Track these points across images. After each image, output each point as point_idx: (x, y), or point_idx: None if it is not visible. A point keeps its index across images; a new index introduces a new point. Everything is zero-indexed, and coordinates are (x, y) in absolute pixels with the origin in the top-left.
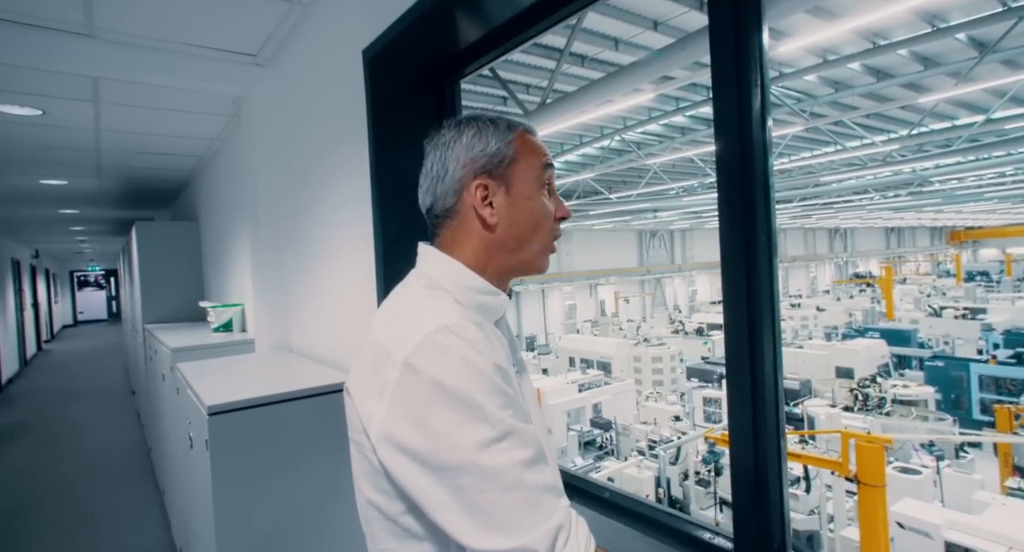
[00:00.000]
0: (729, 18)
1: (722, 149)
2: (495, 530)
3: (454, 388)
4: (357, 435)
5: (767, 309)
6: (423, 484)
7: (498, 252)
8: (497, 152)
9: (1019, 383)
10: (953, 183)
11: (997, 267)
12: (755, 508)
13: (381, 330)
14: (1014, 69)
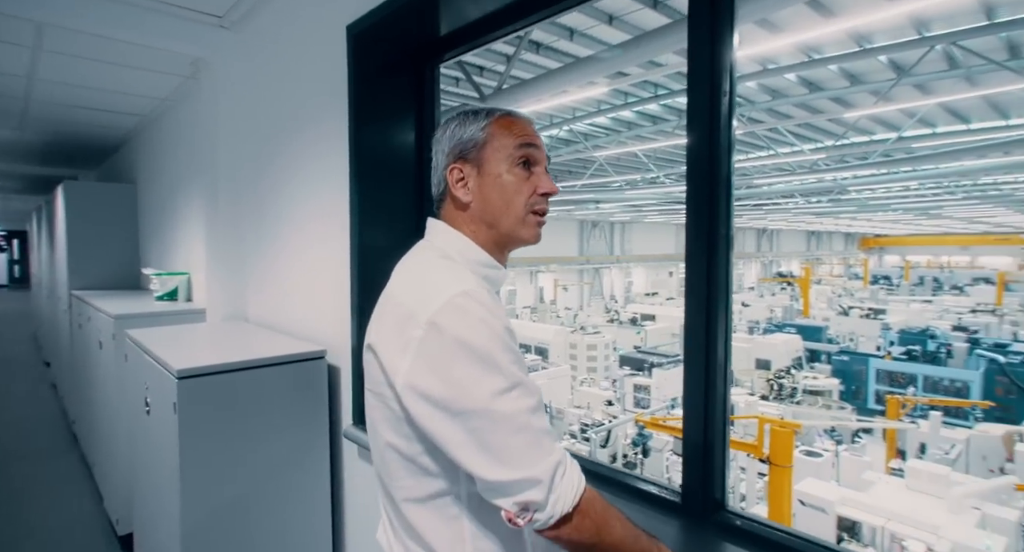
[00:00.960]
0: (707, 31)
1: (693, 144)
2: (506, 465)
3: (474, 345)
4: (379, 387)
5: (723, 296)
6: (443, 427)
7: (479, 227)
8: (471, 138)
9: (908, 377)
10: (867, 193)
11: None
12: (703, 468)
13: (403, 294)
14: (925, 93)
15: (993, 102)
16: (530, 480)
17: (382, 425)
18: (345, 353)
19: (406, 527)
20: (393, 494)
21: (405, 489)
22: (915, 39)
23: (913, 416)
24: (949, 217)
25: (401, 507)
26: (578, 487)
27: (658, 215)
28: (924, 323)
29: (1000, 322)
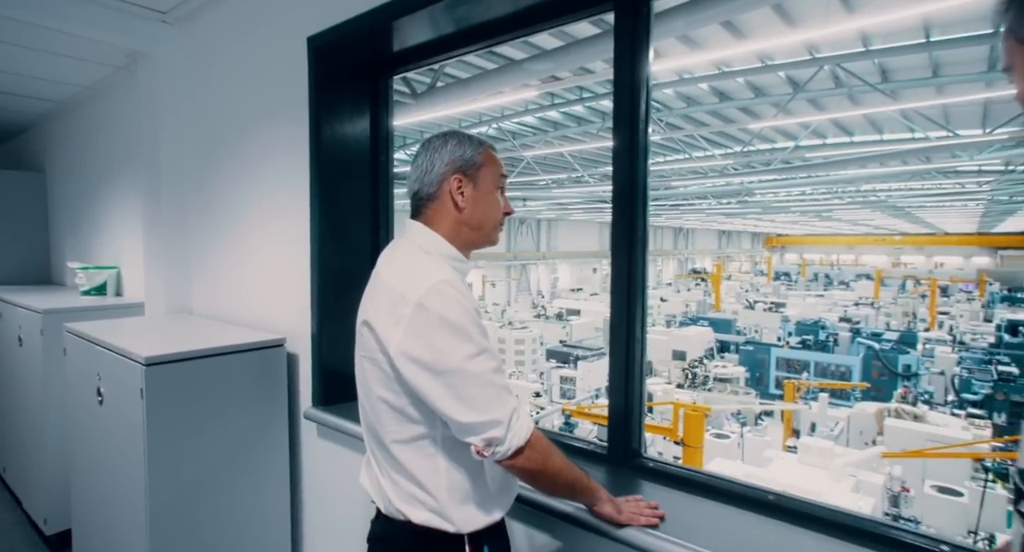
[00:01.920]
0: (628, 49)
1: (618, 147)
2: (475, 410)
3: (451, 320)
4: (373, 354)
5: (640, 287)
6: (428, 383)
7: (463, 228)
8: (471, 158)
9: (802, 363)
10: (770, 196)
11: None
12: (624, 425)
13: (393, 281)
14: (817, 108)
15: (871, 119)
16: (493, 422)
17: (375, 383)
18: (304, 341)
19: (393, 464)
20: (383, 438)
21: (393, 433)
22: (807, 60)
23: (806, 398)
24: (838, 219)
25: (390, 448)
26: (528, 428)
27: (583, 213)
28: (816, 315)
29: (877, 314)
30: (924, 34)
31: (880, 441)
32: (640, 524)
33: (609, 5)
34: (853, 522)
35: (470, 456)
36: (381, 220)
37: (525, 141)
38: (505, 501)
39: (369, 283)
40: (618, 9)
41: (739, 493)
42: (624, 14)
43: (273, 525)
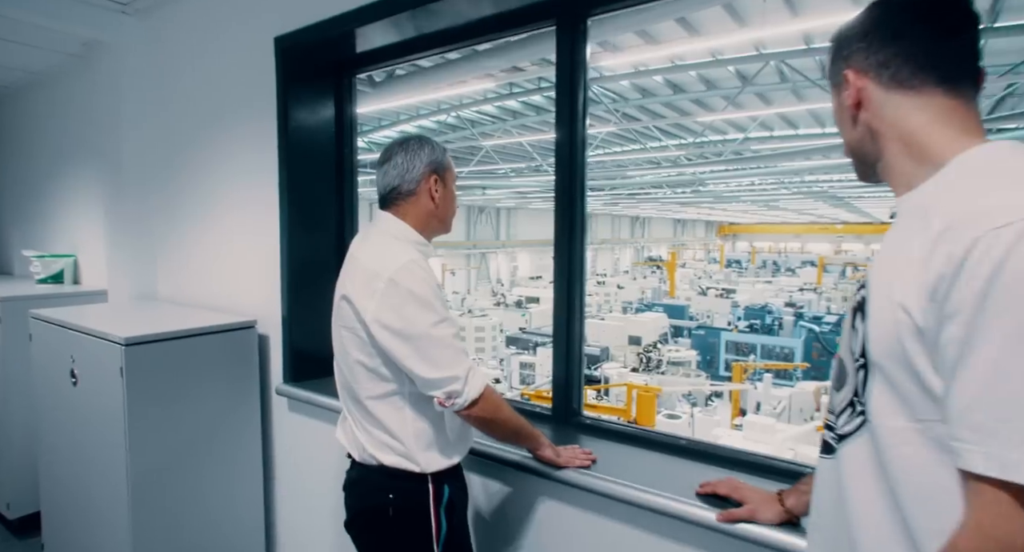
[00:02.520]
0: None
1: (561, 139)
2: (439, 368)
3: (418, 294)
4: (351, 323)
5: (579, 269)
6: (398, 346)
7: (433, 220)
8: (442, 161)
9: (750, 346)
10: (722, 186)
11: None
12: (566, 389)
13: (367, 261)
14: (765, 102)
15: (815, 114)
16: (453, 377)
17: (352, 348)
18: (275, 323)
19: (367, 417)
20: (358, 395)
21: (367, 390)
22: (754, 55)
23: (753, 379)
24: (785, 209)
25: (365, 404)
26: (483, 383)
27: (542, 202)
28: (764, 301)
29: (819, 298)
30: None
31: (817, 417)
32: (575, 466)
33: (551, 21)
34: (743, 457)
35: (432, 409)
36: (346, 209)
37: (484, 130)
38: (462, 448)
39: (345, 264)
40: (559, 26)
41: (658, 440)
42: (564, 29)
43: (246, 493)
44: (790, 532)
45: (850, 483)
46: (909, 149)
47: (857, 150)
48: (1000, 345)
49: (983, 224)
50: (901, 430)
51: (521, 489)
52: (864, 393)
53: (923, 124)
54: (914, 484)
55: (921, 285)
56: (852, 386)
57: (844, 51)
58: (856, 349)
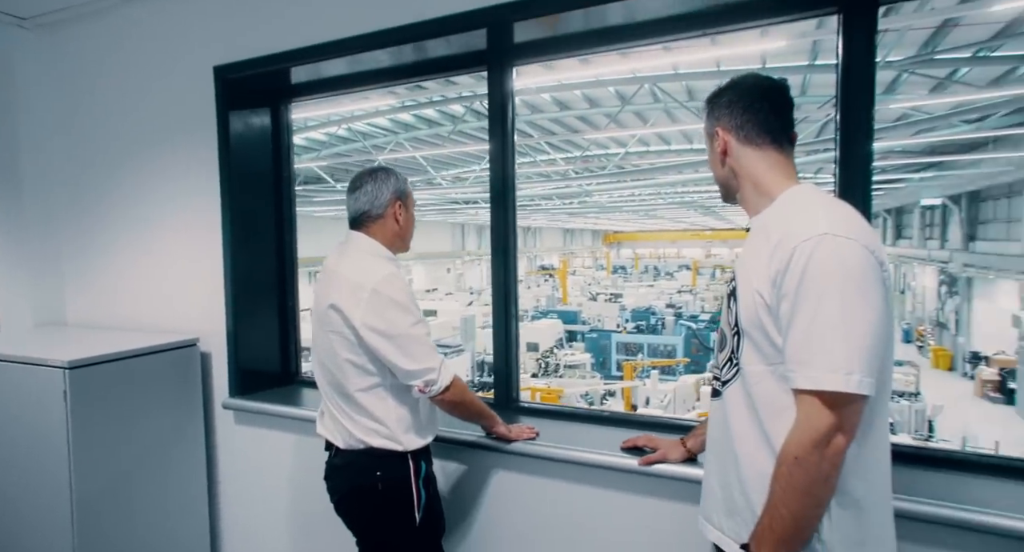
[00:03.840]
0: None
1: (493, 150)
2: (417, 361)
3: (398, 300)
4: (340, 329)
5: (513, 275)
6: (383, 345)
7: (397, 239)
8: (404, 189)
9: (637, 346)
10: (606, 197)
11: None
12: (507, 381)
13: (352, 275)
14: (643, 120)
15: (685, 133)
16: (429, 369)
17: (342, 350)
18: (218, 340)
19: (356, 408)
20: (348, 390)
21: (356, 384)
22: (630, 78)
23: (641, 376)
24: (662, 217)
25: (354, 397)
26: (452, 373)
27: (436, 214)
28: (648, 303)
29: (695, 299)
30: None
31: (698, 406)
32: (524, 438)
33: (483, 67)
34: (653, 420)
35: (410, 397)
36: (286, 229)
37: (376, 142)
38: (433, 429)
39: (324, 278)
40: (490, 71)
41: (586, 415)
42: (494, 71)
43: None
44: (691, 466)
45: (731, 414)
46: (756, 187)
47: (724, 183)
48: (808, 314)
49: (796, 238)
50: (760, 372)
51: (477, 464)
52: (738, 351)
53: (763, 171)
54: (769, 406)
55: (767, 277)
56: (730, 347)
57: (716, 113)
58: (732, 322)
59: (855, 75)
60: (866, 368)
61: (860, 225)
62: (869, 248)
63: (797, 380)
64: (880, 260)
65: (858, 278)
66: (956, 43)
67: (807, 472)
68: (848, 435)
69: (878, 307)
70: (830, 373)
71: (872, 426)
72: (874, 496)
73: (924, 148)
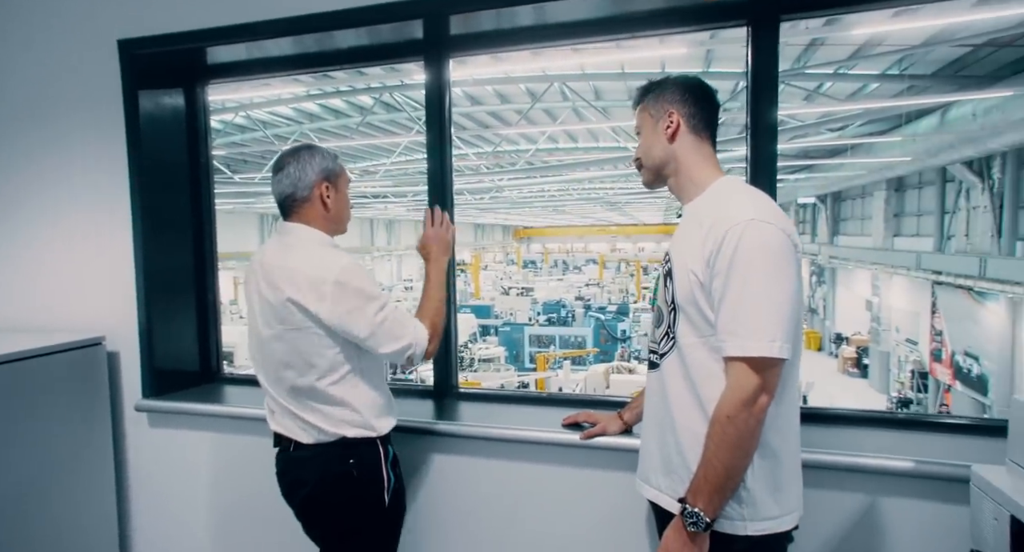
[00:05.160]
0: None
1: (431, 140)
2: (395, 341)
3: (363, 288)
4: (302, 324)
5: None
6: (361, 333)
7: (331, 223)
8: (333, 169)
9: (549, 338)
10: (516, 192)
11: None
12: (445, 368)
13: (307, 268)
14: (552, 117)
15: (592, 131)
16: (407, 345)
17: (307, 345)
18: (128, 338)
19: (326, 401)
20: (315, 385)
21: (327, 378)
22: (540, 76)
23: (554, 367)
24: (570, 213)
25: (324, 390)
26: (424, 335)
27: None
28: (558, 296)
29: (602, 291)
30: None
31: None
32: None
33: (419, 57)
34: (590, 398)
35: (379, 378)
36: (205, 220)
37: (278, 131)
38: (395, 408)
39: (266, 274)
40: (427, 61)
41: (526, 397)
42: (431, 62)
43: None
44: (628, 437)
45: (668, 383)
46: (691, 175)
47: (659, 166)
48: (736, 290)
49: (728, 223)
50: (694, 344)
51: (420, 448)
52: (675, 326)
53: (700, 161)
54: (702, 374)
55: (701, 258)
56: (667, 322)
57: (669, 97)
58: (668, 299)
59: (762, 79)
60: (785, 336)
61: (778, 212)
62: (786, 232)
63: (728, 348)
64: (795, 242)
65: (778, 258)
66: (821, 60)
67: (738, 428)
68: (770, 395)
69: (794, 282)
70: (756, 341)
71: (786, 387)
72: (788, 446)
73: (798, 152)
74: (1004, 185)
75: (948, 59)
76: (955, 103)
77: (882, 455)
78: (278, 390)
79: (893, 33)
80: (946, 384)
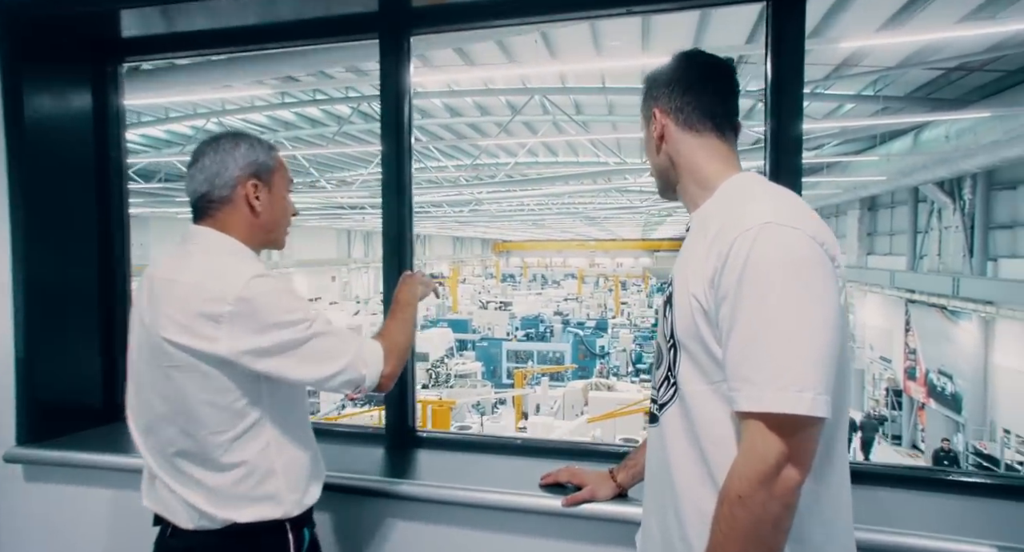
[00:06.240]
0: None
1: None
2: (333, 361)
3: (278, 303)
4: (184, 360)
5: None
6: (278, 366)
7: (259, 231)
8: (265, 163)
9: (527, 353)
10: (495, 206)
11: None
12: (400, 407)
13: (200, 284)
14: (532, 131)
15: (571, 144)
16: (347, 366)
17: (195, 390)
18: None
19: (216, 468)
20: (205, 442)
21: (222, 433)
22: (521, 88)
23: (532, 383)
24: (549, 227)
25: (215, 451)
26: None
27: (319, 220)
28: (536, 311)
29: (580, 306)
30: (601, 81)
31: (586, 410)
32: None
33: (373, 34)
34: (573, 447)
35: (301, 429)
36: (114, 220)
37: None
38: (323, 472)
39: (150, 293)
40: (381, 38)
41: (496, 444)
42: (387, 39)
43: None
44: (623, 503)
45: (669, 441)
46: (695, 178)
47: (662, 174)
48: (749, 317)
49: (737, 229)
50: (701, 393)
51: (366, 515)
52: (675, 367)
53: (703, 159)
54: (712, 433)
55: (704, 277)
56: (667, 363)
57: (654, 92)
58: (667, 333)
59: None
60: (821, 383)
61: (807, 214)
62: (817, 239)
63: (739, 400)
64: (832, 255)
65: (806, 272)
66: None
67: (752, 513)
68: (802, 468)
69: (831, 308)
70: (778, 391)
71: (831, 456)
72: (837, 544)
73: None
74: (975, 206)
75: (920, 82)
76: (929, 125)
77: (956, 537)
78: (153, 452)
79: (877, 48)
80: (920, 402)
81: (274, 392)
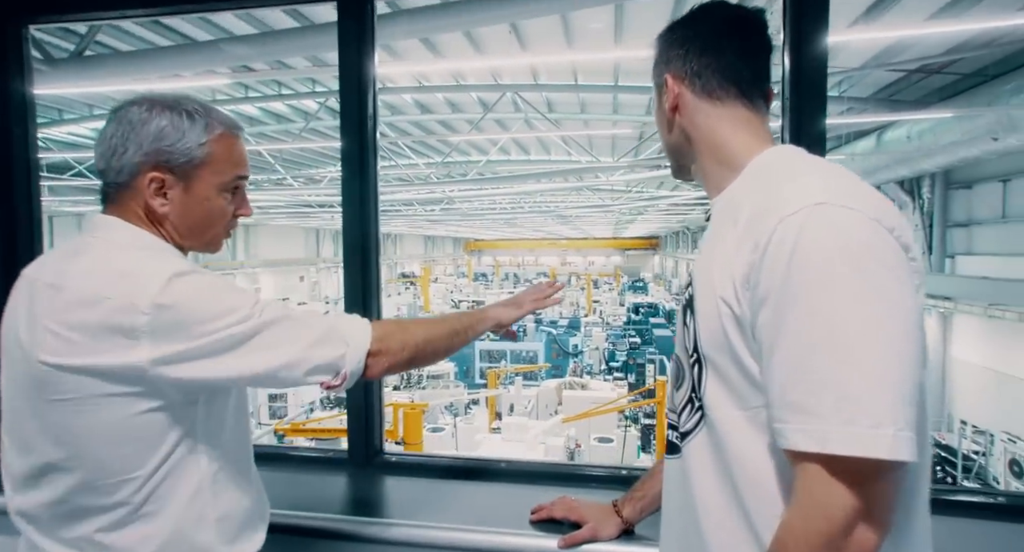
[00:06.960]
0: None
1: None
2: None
3: (207, 302)
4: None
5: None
6: (216, 369)
7: (170, 233)
8: (186, 152)
9: (500, 353)
10: (467, 204)
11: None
12: (365, 425)
13: (96, 289)
14: (504, 128)
15: (543, 142)
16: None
17: (103, 422)
18: None
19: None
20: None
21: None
22: (492, 84)
23: (505, 384)
24: (521, 226)
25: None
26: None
27: (286, 218)
28: None
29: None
30: (573, 77)
31: (560, 410)
32: (546, 306)
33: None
34: (567, 470)
35: (237, 460)
36: (21, 216)
37: None
38: (266, 512)
39: (28, 300)
40: (341, 8)
41: (477, 468)
42: (349, 11)
43: None
44: (630, 542)
45: (694, 479)
46: (717, 155)
47: (675, 151)
48: (800, 326)
49: (779, 213)
50: (734, 420)
51: None
52: (700, 388)
53: (726, 133)
54: (749, 471)
55: (736, 275)
56: (689, 382)
57: (666, 55)
58: (689, 345)
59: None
60: (902, 416)
61: (870, 193)
62: (885, 224)
63: (790, 436)
64: (904, 244)
65: (874, 266)
66: None
67: None
68: (879, 527)
69: (910, 312)
70: (846, 425)
71: (914, 508)
72: None
73: None
74: (934, 205)
75: (883, 83)
76: (892, 125)
77: None
78: (34, 515)
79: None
80: None
81: (210, 415)
